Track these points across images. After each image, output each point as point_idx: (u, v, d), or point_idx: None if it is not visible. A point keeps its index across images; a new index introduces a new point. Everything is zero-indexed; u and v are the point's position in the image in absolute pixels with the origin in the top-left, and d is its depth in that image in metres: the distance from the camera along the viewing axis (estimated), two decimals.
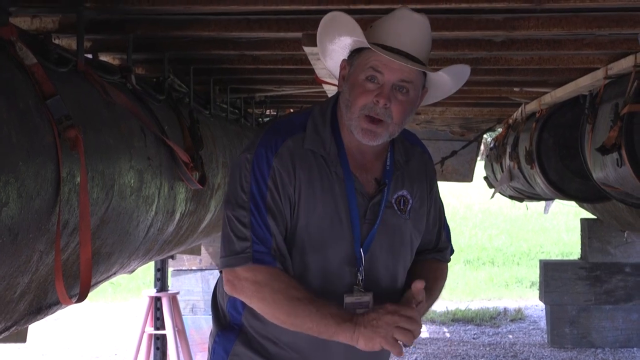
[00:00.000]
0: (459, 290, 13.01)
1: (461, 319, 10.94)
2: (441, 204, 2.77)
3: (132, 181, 3.12)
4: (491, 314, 11.19)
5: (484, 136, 11.77)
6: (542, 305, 10.00)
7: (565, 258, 14.30)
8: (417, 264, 2.66)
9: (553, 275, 9.30)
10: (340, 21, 2.44)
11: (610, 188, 4.87)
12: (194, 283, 8.30)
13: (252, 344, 2.55)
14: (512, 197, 9.26)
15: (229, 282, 2.43)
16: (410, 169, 2.62)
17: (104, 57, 4.13)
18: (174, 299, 6.67)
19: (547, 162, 6.21)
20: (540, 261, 9.94)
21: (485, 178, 10.04)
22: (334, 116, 2.53)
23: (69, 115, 2.48)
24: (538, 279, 10.22)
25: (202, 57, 4.73)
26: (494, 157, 8.91)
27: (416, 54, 2.40)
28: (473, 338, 9.97)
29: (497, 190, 9.19)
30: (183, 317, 6.98)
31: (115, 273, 3.43)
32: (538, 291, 10.23)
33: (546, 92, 6.18)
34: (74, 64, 2.98)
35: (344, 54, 2.51)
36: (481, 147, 12.50)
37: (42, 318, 2.76)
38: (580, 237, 9.74)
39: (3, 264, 2.19)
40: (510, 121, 8.01)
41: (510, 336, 10.03)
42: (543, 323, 10.13)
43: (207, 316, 8.16)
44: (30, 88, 2.42)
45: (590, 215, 9.18)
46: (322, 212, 2.43)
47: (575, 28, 3.70)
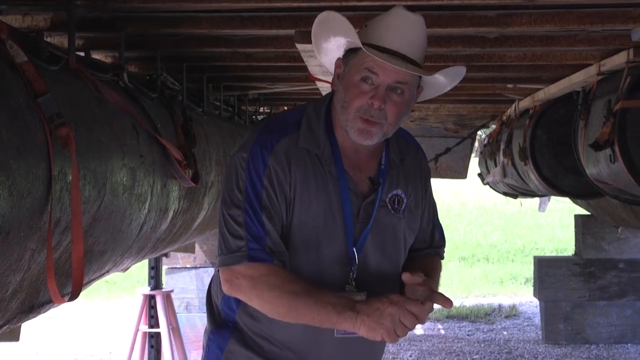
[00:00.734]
0: (453, 287, 13.02)
1: (456, 315, 10.95)
2: (434, 203, 2.76)
3: (125, 179, 3.12)
4: (486, 310, 11.20)
5: (478, 133, 11.77)
6: (536, 301, 10.01)
7: (560, 254, 14.32)
8: (412, 258, 2.65)
9: (547, 271, 9.32)
10: (334, 21, 2.42)
11: (604, 184, 4.87)
12: (188, 281, 8.29)
13: (246, 341, 2.55)
14: (506, 194, 9.26)
15: (227, 280, 2.42)
16: (406, 167, 2.61)
17: (96, 55, 4.12)
18: (168, 297, 6.66)
19: (541, 159, 6.22)
20: (535, 257, 9.96)
21: (479, 175, 10.04)
22: (328, 114, 2.52)
23: (61, 113, 2.48)
24: (532, 276, 10.24)
25: (195, 54, 4.72)
26: (488, 154, 8.92)
27: (411, 55, 2.39)
28: (468, 335, 9.98)
29: (487, 181, 9.20)
30: (177, 315, 6.98)
31: (108, 271, 3.42)
32: (532, 287, 10.25)
33: (539, 89, 6.18)
34: (65, 62, 2.97)
35: (339, 53, 2.49)
36: (475, 143, 12.51)
37: (35, 317, 2.75)
38: (574, 233, 9.75)
39: None
40: (504, 118, 8.02)
41: (505, 332, 10.04)
42: (537, 319, 10.14)
43: (202, 314, 8.16)
44: (22, 86, 2.41)
45: (584, 212, 9.19)
46: (317, 210, 2.43)
47: (568, 24, 3.70)
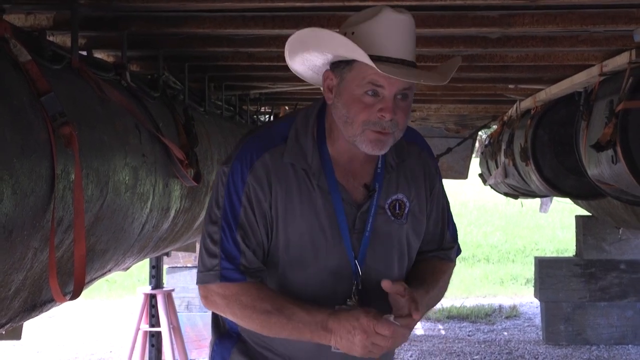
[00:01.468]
0: (454, 287, 13.02)
1: (456, 316, 10.95)
2: (446, 202, 2.64)
3: (127, 178, 3.12)
4: (486, 311, 11.20)
5: (479, 133, 11.78)
6: (537, 302, 10.01)
7: (560, 255, 14.32)
8: (415, 262, 2.57)
9: (548, 272, 9.31)
10: (322, 37, 2.31)
11: (605, 185, 4.87)
12: (189, 280, 8.29)
13: (249, 352, 2.51)
14: (507, 194, 9.27)
15: (203, 297, 2.41)
16: (407, 169, 2.50)
17: (98, 54, 4.12)
18: (169, 296, 6.67)
19: (542, 159, 6.22)
20: (535, 258, 9.95)
21: (480, 175, 10.04)
22: (320, 123, 2.42)
23: (64, 112, 2.48)
24: (533, 276, 10.24)
25: (197, 54, 4.72)
26: (489, 154, 8.92)
27: (411, 58, 2.29)
28: (468, 335, 9.98)
29: (488, 183, 9.21)
30: (178, 314, 6.98)
31: (110, 270, 3.42)
32: (533, 288, 10.25)
33: (541, 89, 6.18)
34: (68, 61, 2.97)
35: (323, 63, 2.39)
36: (476, 144, 12.51)
37: (37, 315, 2.75)
38: (575, 234, 9.75)
39: None
40: (505, 118, 8.02)
41: (505, 333, 10.04)
42: (538, 320, 10.14)
43: (203, 313, 8.17)
44: (25, 85, 2.41)
45: (585, 212, 9.19)
46: (304, 227, 2.36)
47: (570, 25, 3.71)
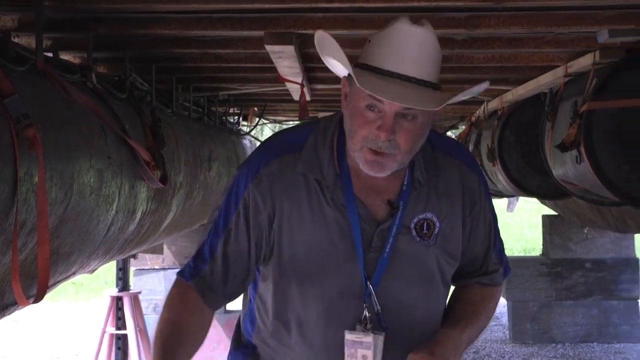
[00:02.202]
0: None
1: None
2: (492, 219, 2.40)
3: (92, 180, 3.10)
4: None
5: (447, 134, 11.80)
6: (503, 301, 10.08)
7: (527, 254, 14.43)
8: (456, 290, 2.40)
9: (515, 271, 9.36)
10: (325, 43, 2.18)
11: (570, 185, 4.92)
12: (156, 282, 8.26)
13: None
14: None
15: None
16: (440, 185, 2.28)
17: (64, 56, 4.08)
18: (135, 299, 6.63)
19: (509, 160, 6.26)
20: None
21: None
22: (341, 134, 2.24)
23: (28, 114, 2.46)
24: None
25: (165, 55, 4.70)
26: None
27: (421, 76, 2.07)
28: None
29: None
30: (145, 316, 6.94)
31: (75, 273, 3.40)
32: None
33: (508, 90, 6.22)
34: (32, 63, 2.95)
35: (343, 69, 2.20)
36: None
37: (0, 319, 2.73)
38: (542, 233, 9.83)
39: None
40: (472, 119, 8.06)
41: None
42: (505, 319, 10.21)
43: None
44: None
45: (551, 212, 9.26)
46: (312, 240, 2.21)
47: (535, 26, 3.73)
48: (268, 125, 11.08)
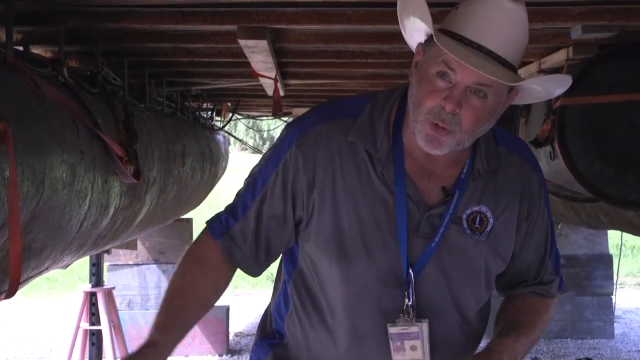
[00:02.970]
0: None
1: None
2: (550, 227, 2.28)
3: (64, 175, 3.07)
4: None
5: None
6: None
7: None
8: (510, 299, 2.30)
9: None
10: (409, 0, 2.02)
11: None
12: (130, 278, 8.23)
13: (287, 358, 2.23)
14: None
15: None
16: (499, 181, 2.13)
17: (35, 50, 4.05)
18: (109, 294, 6.60)
19: None
20: None
21: None
22: (401, 107, 2.10)
23: None
24: None
25: (137, 49, 4.67)
26: None
27: (501, 52, 1.93)
28: None
29: None
30: (119, 312, 6.91)
31: (47, 268, 3.37)
32: None
33: None
34: (2, 57, 2.92)
35: (420, 36, 2.05)
36: None
37: None
38: None
39: None
40: None
41: None
42: None
43: (144, 311, 8.10)
44: None
45: None
46: (355, 215, 2.06)
47: None
48: (241, 120, 11.05)
